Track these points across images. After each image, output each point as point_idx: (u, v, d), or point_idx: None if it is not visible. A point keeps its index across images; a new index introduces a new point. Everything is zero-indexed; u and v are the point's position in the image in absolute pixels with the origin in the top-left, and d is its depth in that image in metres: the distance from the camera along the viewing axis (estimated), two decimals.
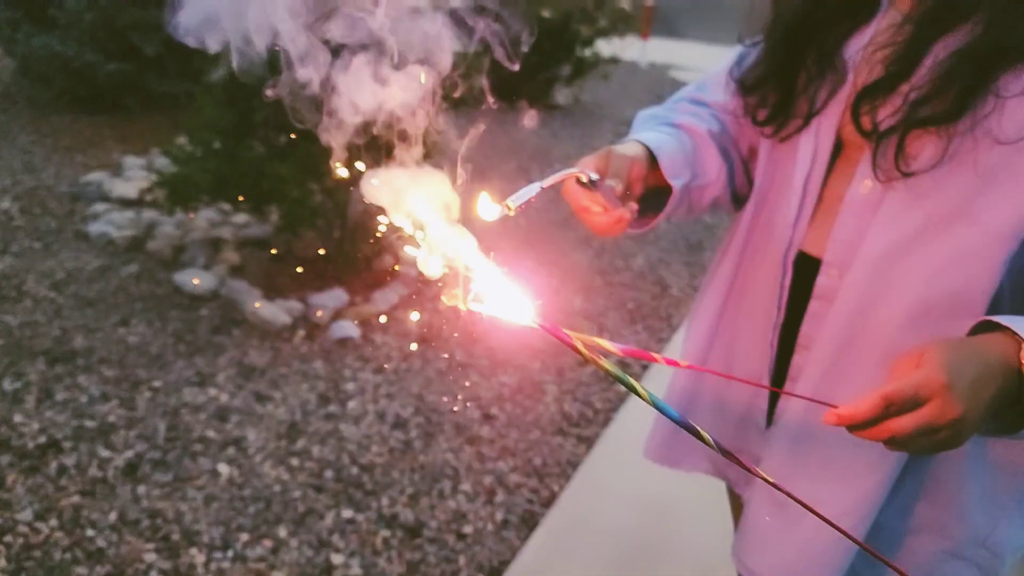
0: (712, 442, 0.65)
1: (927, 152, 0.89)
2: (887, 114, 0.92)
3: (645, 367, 3.29)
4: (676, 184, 1.07)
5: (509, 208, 0.73)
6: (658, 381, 1.29)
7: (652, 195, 1.09)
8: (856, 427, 0.77)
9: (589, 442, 2.75)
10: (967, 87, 0.85)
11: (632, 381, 0.64)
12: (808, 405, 1.04)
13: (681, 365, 0.83)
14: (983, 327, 0.83)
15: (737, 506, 1.35)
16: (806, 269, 1.07)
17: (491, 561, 2.19)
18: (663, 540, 2.30)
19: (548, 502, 2.43)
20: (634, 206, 0.95)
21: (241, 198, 3.28)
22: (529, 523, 2.34)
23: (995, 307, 0.90)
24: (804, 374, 1.05)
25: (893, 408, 0.74)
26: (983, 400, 0.76)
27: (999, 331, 0.80)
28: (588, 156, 1.00)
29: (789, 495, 0.63)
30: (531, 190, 0.79)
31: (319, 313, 3.25)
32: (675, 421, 0.65)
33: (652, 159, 1.06)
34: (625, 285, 4.06)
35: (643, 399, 0.64)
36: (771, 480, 0.66)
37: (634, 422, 2.85)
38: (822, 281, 1.04)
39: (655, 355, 0.79)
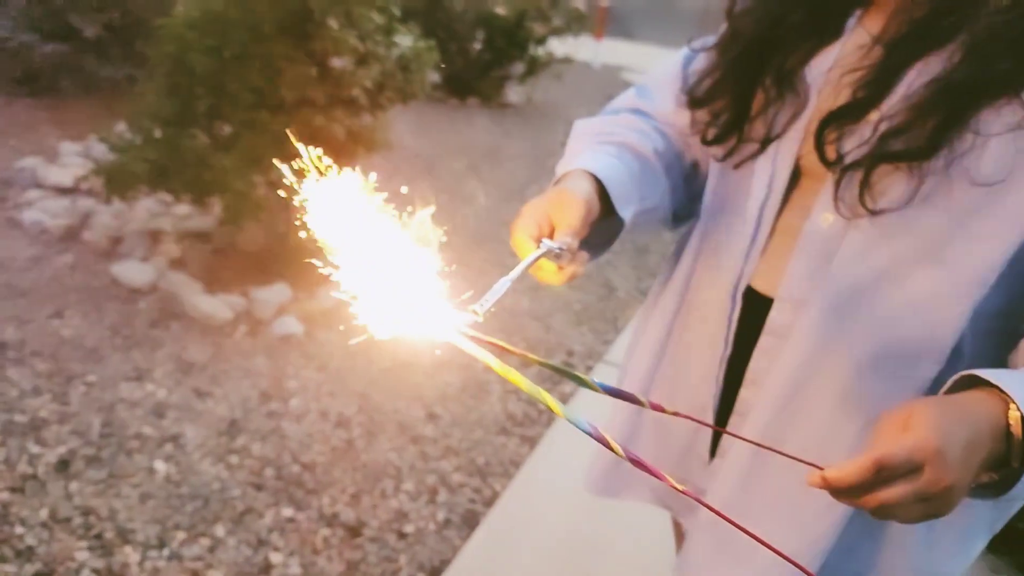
0: (622, 452, 0.62)
1: (896, 189, 0.83)
2: (854, 144, 0.86)
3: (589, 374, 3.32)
4: (626, 215, 0.98)
5: (477, 315, 0.65)
6: (599, 408, 1.29)
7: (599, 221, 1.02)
8: (842, 492, 0.71)
9: (532, 442, 2.78)
10: (944, 121, 0.78)
11: (546, 395, 0.61)
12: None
13: (667, 411, 0.77)
14: (964, 382, 0.77)
15: (680, 535, 1.31)
16: (755, 302, 1.02)
17: (432, 560, 2.20)
18: (604, 540, 2.34)
19: (490, 501, 2.45)
20: (585, 256, 0.87)
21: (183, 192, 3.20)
22: (471, 522, 2.36)
23: (956, 353, 0.87)
24: (755, 411, 1.00)
25: (884, 474, 0.68)
26: (974, 465, 0.70)
27: (981, 387, 0.74)
28: (538, 199, 0.90)
29: (741, 528, 0.59)
30: (500, 288, 0.69)
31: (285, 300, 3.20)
32: (587, 433, 0.63)
33: (600, 186, 0.98)
34: (571, 286, 4.09)
35: (557, 414, 0.61)
36: (712, 506, 0.62)
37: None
38: (774, 316, 0.99)
39: (641, 398, 0.74)
